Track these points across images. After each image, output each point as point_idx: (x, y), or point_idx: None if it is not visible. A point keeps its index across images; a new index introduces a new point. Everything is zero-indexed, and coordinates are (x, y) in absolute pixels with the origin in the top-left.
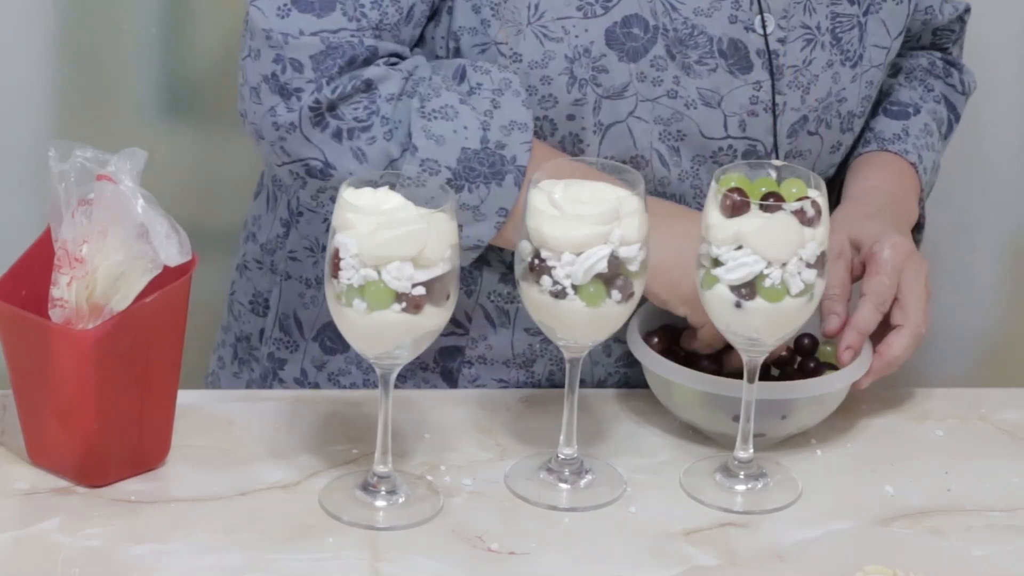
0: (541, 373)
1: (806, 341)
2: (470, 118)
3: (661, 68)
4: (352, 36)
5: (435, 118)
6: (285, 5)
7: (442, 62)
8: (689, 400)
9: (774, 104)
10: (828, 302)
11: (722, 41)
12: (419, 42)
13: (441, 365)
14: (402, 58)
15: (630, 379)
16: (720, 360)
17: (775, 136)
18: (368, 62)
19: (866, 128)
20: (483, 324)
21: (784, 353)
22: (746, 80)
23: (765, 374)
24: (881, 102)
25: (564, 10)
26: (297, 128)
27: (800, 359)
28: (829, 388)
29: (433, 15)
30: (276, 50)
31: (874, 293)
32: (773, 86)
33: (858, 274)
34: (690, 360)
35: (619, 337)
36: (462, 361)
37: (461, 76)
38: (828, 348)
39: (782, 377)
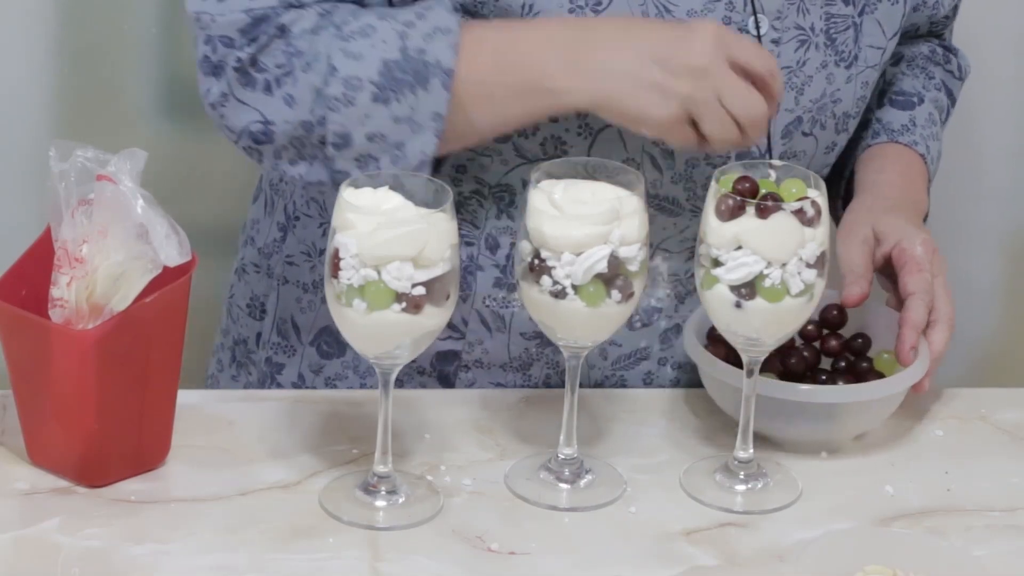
0: (538, 376)
1: (859, 341)
2: (388, 31)
3: None
4: (275, 7)
5: (353, 38)
6: None
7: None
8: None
9: None
10: (853, 275)
11: None
12: None
13: (438, 369)
14: None
15: (627, 382)
16: (784, 363)
17: (769, 137)
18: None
19: (873, 119)
20: (479, 328)
21: (834, 344)
22: None
23: (814, 370)
24: (885, 92)
25: (556, 11)
26: (230, 96)
27: (853, 358)
28: (893, 389)
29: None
30: (205, 31)
31: (923, 291)
32: None
33: (878, 265)
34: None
35: (615, 340)
36: (459, 365)
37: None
38: (885, 356)
39: (832, 371)
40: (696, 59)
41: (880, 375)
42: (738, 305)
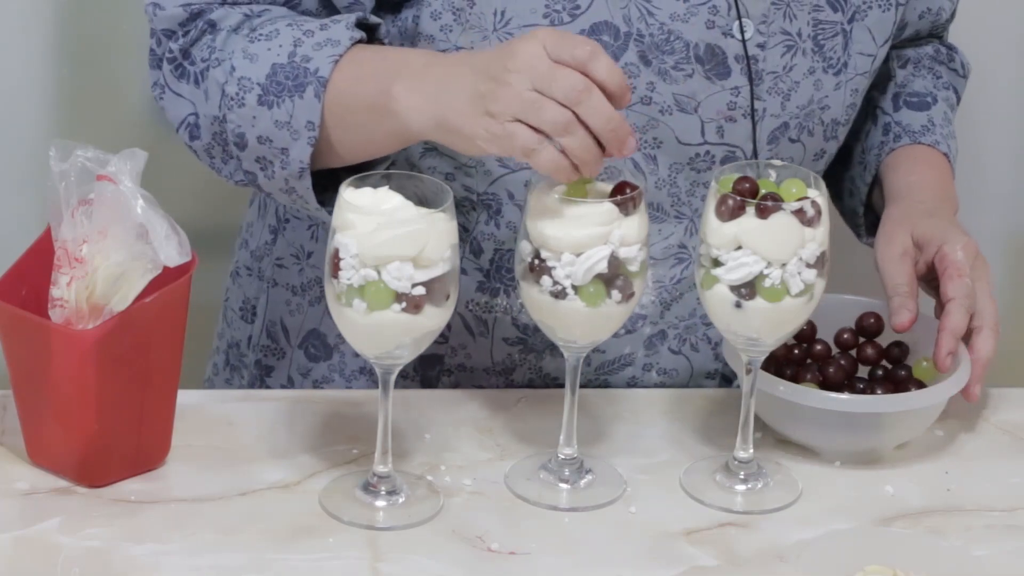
0: (521, 382)
1: (897, 349)
2: (287, 36)
3: (633, 75)
4: (210, 3)
5: (257, 40)
6: None
7: None
8: (807, 418)
9: (753, 110)
10: (899, 298)
11: (699, 47)
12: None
13: (421, 374)
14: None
15: (610, 387)
16: (823, 372)
17: (755, 142)
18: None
19: (892, 123)
20: (462, 333)
21: (872, 352)
22: (723, 86)
23: (851, 379)
24: (898, 95)
25: (530, 18)
26: (166, 88)
27: (891, 366)
28: (940, 398)
29: (395, 7)
30: (150, 24)
31: (963, 296)
32: (752, 92)
33: (921, 273)
34: (797, 376)
35: (598, 347)
36: (441, 370)
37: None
38: (924, 363)
39: (869, 379)
40: (513, 61)
41: (919, 383)
42: (738, 305)
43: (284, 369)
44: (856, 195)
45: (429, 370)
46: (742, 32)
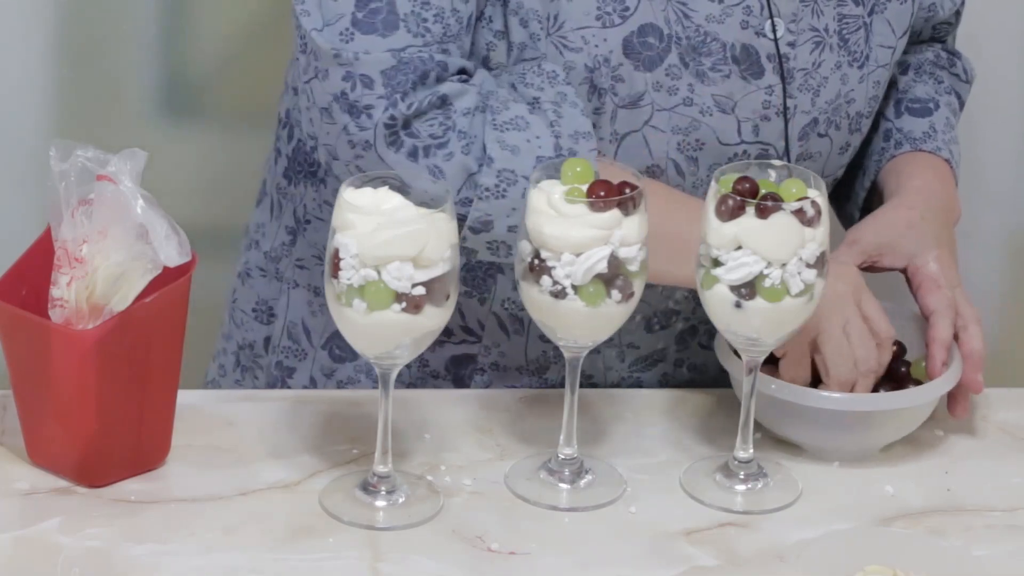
0: (554, 380)
1: (894, 348)
2: (541, 127)
3: (676, 77)
4: (420, 51)
5: (507, 129)
6: (347, 29)
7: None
8: (801, 418)
9: (785, 108)
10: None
11: (735, 47)
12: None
13: (453, 373)
14: (468, 73)
15: (643, 384)
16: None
17: (786, 139)
18: (440, 78)
19: (892, 129)
20: (496, 332)
21: None
22: (758, 85)
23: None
24: (900, 100)
25: (583, 20)
26: (372, 147)
27: (891, 365)
28: (932, 396)
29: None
30: (346, 67)
31: (944, 308)
32: (784, 90)
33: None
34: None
35: (633, 343)
36: (474, 368)
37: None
38: (923, 363)
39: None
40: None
41: (917, 382)
42: (738, 305)
43: (306, 370)
44: (854, 199)
45: (462, 369)
46: (774, 31)
